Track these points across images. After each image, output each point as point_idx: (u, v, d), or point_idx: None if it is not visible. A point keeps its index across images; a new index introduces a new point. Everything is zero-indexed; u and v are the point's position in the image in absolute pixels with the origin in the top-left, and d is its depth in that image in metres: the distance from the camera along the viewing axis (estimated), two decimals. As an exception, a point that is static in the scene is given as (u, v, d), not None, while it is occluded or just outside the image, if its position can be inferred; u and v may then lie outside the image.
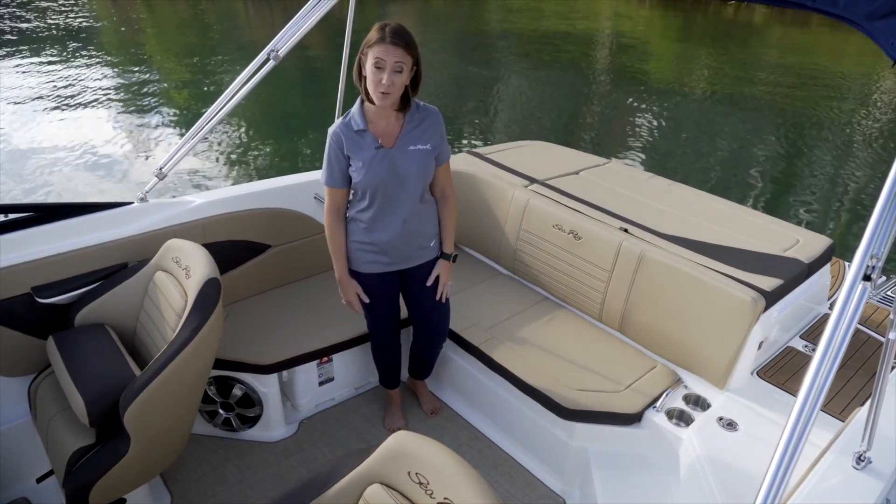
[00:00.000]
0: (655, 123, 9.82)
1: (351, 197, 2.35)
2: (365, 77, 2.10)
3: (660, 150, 8.73)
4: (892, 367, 2.03)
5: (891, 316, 1.55)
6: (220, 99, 2.56)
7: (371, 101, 2.14)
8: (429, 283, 2.50)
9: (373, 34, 2.05)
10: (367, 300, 2.48)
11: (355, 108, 2.22)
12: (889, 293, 3.29)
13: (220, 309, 2.10)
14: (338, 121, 2.23)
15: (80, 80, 11.38)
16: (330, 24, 15.78)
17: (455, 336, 2.83)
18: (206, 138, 8.33)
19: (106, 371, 2.06)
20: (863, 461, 1.66)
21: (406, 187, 2.25)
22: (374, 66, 2.04)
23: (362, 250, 2.38)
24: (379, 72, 2.04)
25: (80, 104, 10.02)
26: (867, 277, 1.15)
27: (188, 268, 2.19)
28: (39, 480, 2.45)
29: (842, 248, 5.77)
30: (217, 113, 2.57)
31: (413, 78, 2.13)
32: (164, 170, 2.66)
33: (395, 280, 2.50)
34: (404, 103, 2.18)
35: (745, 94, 11.52)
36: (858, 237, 5.89)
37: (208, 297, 2.06)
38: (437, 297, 2.53)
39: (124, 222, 2.58)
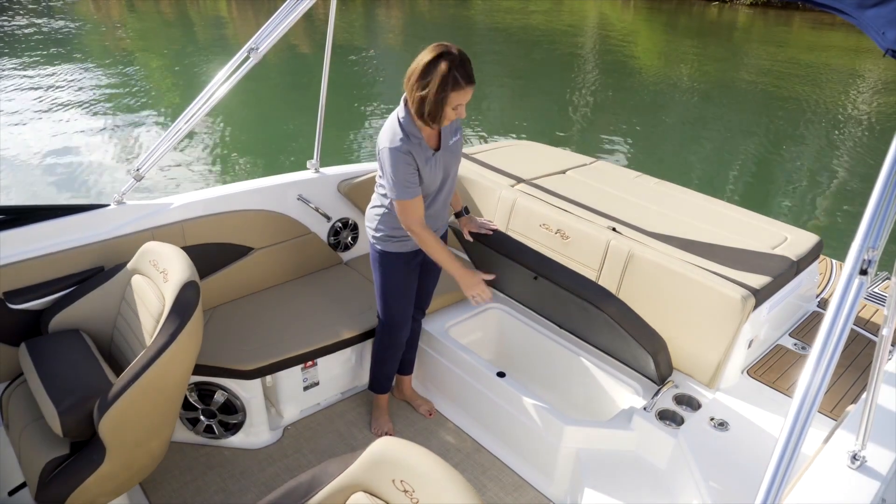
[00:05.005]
0: (642, 123, 9.85)
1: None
2: (430, 102, 2.08)
3: (646, 149, 8.75)
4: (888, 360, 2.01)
5: (885, 312, 1.53)
6: (198, 97, 2.49)
7: (424, 121, 2.15)
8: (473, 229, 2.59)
9: (449, 76, 2.02)
10: (492, 277, 2.36)
11: (406, 122, 2.18)
12: (875, 290, 3.29)
13: (199, 313, 2.04)
14: (394, 138, 2.17)
15: (57, 81, 11.21)
16: (313, 22, 15.72)
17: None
18: (187, 138, 8.22)
19: (80, 379, 1.99)
20: (857, 460, 1.63)
21: (451, 178, 2.41)
22: (454, 109, 2.11)
23: (394, 238, 2.42)
24: (457, 111, 2.12)
25: (56, 105, 9.86)
26: (863, 272, 1.12)
27: (166, 271, 2.13)
28: (11, 493, 2.37)
29: (828, 247, 5.79)
30: (196, 112, 2.51)
31: None
32: (141, 170, 2.59)
33: None
34: None
35: (731, 93, 11.60)
36: (846, 234, 5.94)
37: (187, 301, 2.00)
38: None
39: (100, 225, 2.51)
